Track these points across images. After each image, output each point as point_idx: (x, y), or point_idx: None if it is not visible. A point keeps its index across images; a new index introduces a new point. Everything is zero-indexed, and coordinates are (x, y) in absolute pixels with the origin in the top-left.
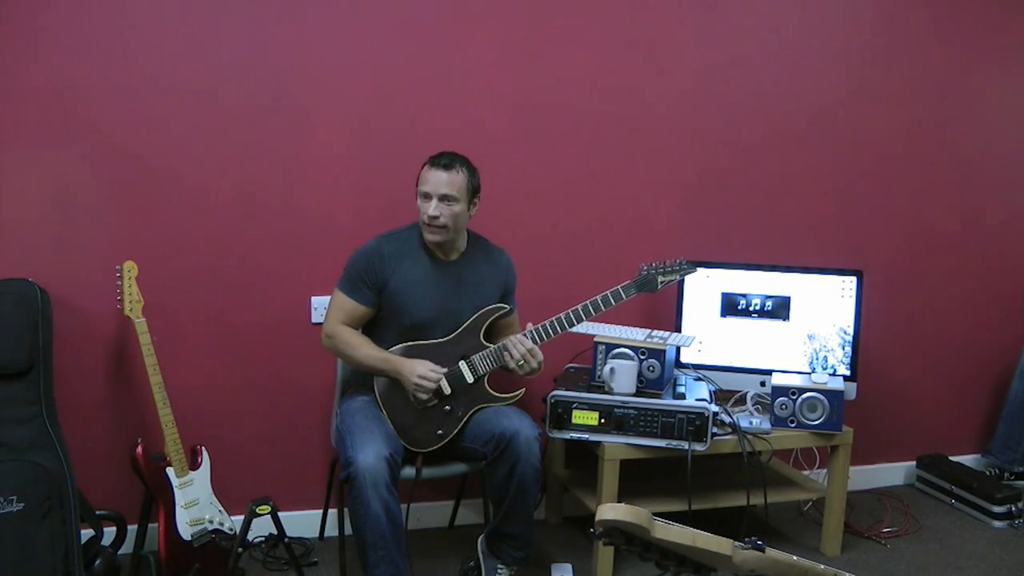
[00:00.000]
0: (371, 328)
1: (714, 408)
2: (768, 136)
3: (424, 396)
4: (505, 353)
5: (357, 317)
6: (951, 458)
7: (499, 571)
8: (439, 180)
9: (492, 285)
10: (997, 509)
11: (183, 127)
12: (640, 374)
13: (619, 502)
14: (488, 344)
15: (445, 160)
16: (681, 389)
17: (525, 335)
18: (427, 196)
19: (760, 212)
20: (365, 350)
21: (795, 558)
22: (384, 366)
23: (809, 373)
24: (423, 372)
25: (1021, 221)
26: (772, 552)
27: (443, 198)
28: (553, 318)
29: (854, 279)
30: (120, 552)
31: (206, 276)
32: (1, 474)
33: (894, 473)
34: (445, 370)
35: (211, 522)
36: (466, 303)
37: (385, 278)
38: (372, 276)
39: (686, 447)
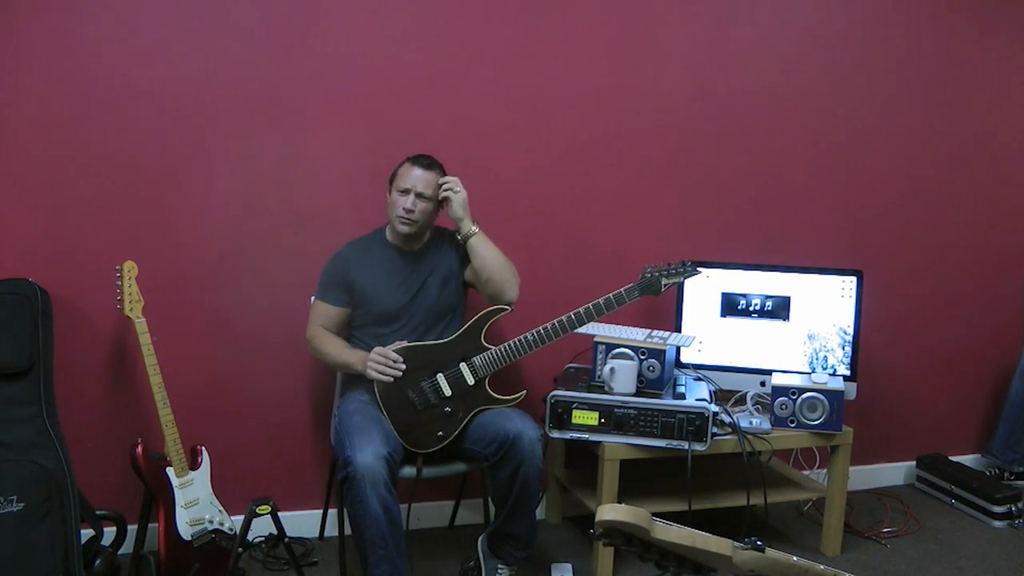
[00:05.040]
0: (350, 325)
1: (714, 408)
2: (768, 136)
3: (384, 377)
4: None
5: (333, 318)
6: (951, 458)
7: (500, 571)
8: (419, 177)
9: (452, 258)
10: (997, 509)
11: (183, 127)
12: (640, 374)
13: (619, 502)
14: (489, 346)
15: (426, 161)
16: (681, 389)
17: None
18: (405, 191)
19: (760, 212)
20: (336, 350)
21: (795, 558)
22: (348, 359)
23: (809, 373)
24: (373, 356)
25: (1021, 221)
26: (772, 552)
27: (419, 195)
28: (556, 320)
29: (854, 279)
30: (120, 552)
31: (206, 276)
32: (1, 474)
33: (894, 473)
34: (397, 356)
35: (211, 522)
36: (432, 285)
37: (352, 276)
38: (339, 277)
39: (686, 447)
